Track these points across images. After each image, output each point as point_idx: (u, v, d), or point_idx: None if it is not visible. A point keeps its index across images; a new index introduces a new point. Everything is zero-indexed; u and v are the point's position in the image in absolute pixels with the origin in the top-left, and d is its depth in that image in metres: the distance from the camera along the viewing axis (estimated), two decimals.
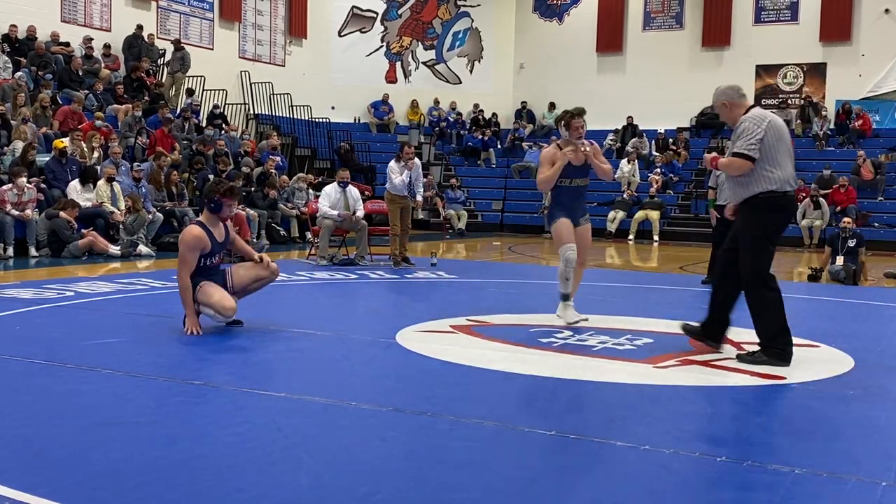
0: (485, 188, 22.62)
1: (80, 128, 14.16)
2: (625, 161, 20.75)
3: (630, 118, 22.90)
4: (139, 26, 18.30)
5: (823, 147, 21.07)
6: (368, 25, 24.70)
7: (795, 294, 9.45)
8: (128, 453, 3.26)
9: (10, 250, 11.16)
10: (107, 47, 17.55)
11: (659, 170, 20.93)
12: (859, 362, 5.35)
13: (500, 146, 24.05)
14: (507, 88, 25.57)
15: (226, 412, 3.93)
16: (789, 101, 22.70)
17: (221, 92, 19.36)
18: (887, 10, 21.49)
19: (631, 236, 19.14)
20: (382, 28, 24.92)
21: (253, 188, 15.44)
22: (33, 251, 11.43)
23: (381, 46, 24.95)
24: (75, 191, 12.35)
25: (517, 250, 15.89)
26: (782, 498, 2.98)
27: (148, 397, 4.16)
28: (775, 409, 4.42)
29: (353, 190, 11.47)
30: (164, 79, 18.86)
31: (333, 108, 23.18)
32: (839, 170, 19.17)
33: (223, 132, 17.62)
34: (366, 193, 16.57)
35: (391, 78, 25.00)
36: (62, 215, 11.54)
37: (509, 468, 3.25)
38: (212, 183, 6.27)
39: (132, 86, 17.23)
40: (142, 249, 11.93)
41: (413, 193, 11.06)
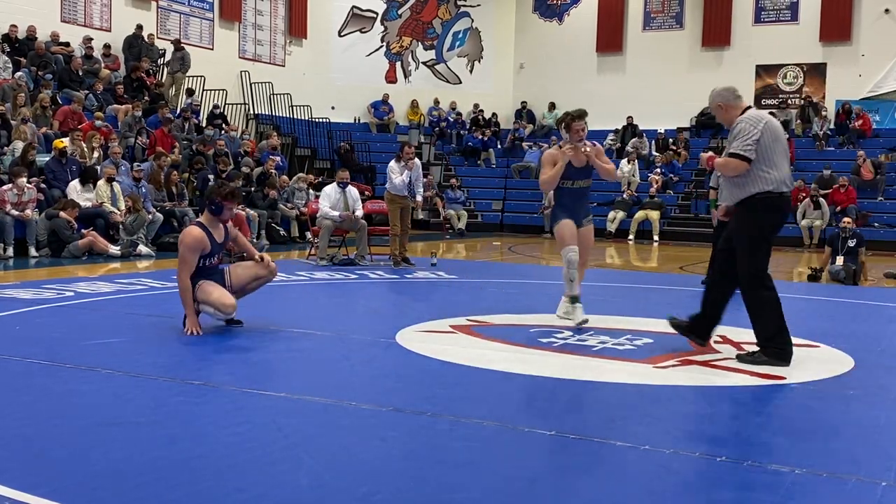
0: (485, 188, 22.61)
1: (80, 128, 14.15)
2: (625, 161, 20.74)
3: (630, 118, 22.89)
4: (139, 26, 18.29)
5: (823, 147, 21.07)
6: (368, 25, 24.70)
7: (795, 294, 9.45)
8: (128, 453, 3.26)
9: (10, 250, 11.16)
10: (107, 47, 17.55)
11: (659, 170, 20.93)
12: (859, 362, 5.35)
13: (500, 146, 24.04)
14: (507, 88, 25.57)
15: (226, 412, 3.93)
16: (789, 102, 22.69)
17: (221, 92, 19.36)
18: (887, 10, 21.48)
19: (631, 236, 19.14)
20: (382, 28, 24.92)
21: (253, 188, 15.44)
22: (33, 251, 11.43)
23: (381, 46, 24.95)
24: (75, 191, 12.35)
25: (517, 250, 15.89)
26: (782, 498, 2.98)
27: (148, 397, 4.16)
28: (775, 409, 4.42)
29: (353, 190, 11.48)
30: (164, 79, 18.86)
31: (333, 108, 23.17)
32: (839, 170, 19.17)
33: (223, 132, 17.61)
34: (366, 193, 16.58)
35: (391, 78, 24.99)
36: (62, 215, 11.54)
37: (509, 468, 3.26)
38: (214, 185, 6.27)
39: (132, 86, 17.23)
40: (142, 249, 11.93)
41: (413, 193, 11.07)
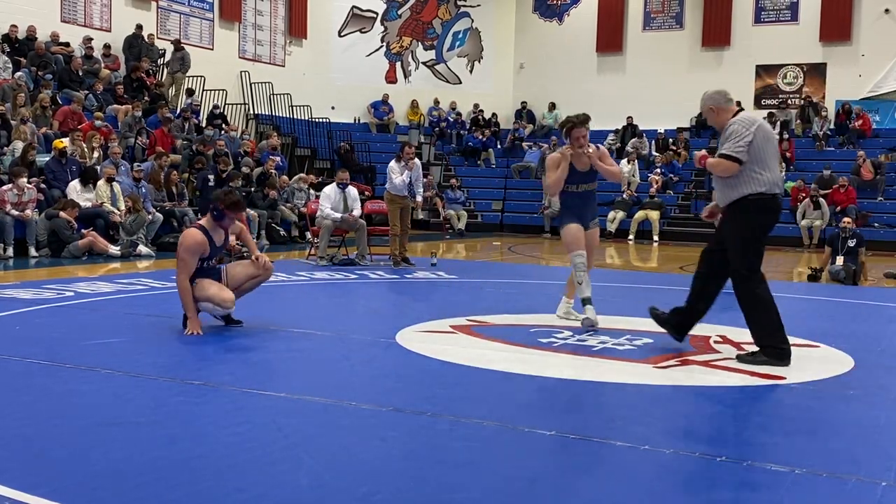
0: (485, 188, 22.61)
1: (80, 128, 14.15)
2: (625, 161, 20.75)
3: (630, 118, 22.89)
4: (139, 26, 18.29)
5: (823, 147, 21.07)
6: (368, 25, 24.70)
7: (795, 294, 9.46)
8: (128, 453, 3.26)
9: (10, 250, 11.16)
10: (107, 47, 17.54)
11: (659, 170, 20.93)
12: (859, 362, 5.35)
13: (499, 146, 24.04)
14: (507, 88, 25.57)
15: (226, 412, 3.93)
16: (789, 101, 22.69)
17: (221, 92, 19.36)
18: (887, 10, 21.48)
19: (631, 236, 19.14)
20: (382, 28, 24.92)
21: (253, 188, 15.43)
22: (33, 251, 11.43)
23: (381, 46, 24.95)
24: (75, 191, 12.35)
25: (517, 250, 15.89)
26: (782, 498, 2.98)
27: (148, 397, 4.16)
28: (775, 409, 4.41)
29: (352, 190, 11.48)
30: (164, 79, 18.85)
31: (333, 108, 23.17)
32: (839, 170, 19.17)
33: (223, 132, 17.61)
34: (365, 193, 16.59)
35: (391, 78, 24.99)
36: (62, 215, 11.54)
37: (509, 468, 3.25)
38: (222, 191, 6.24)
39: (132, 86, 17.22)
40: (142, 249, 11.93)
41: (413, 193, 11.07)
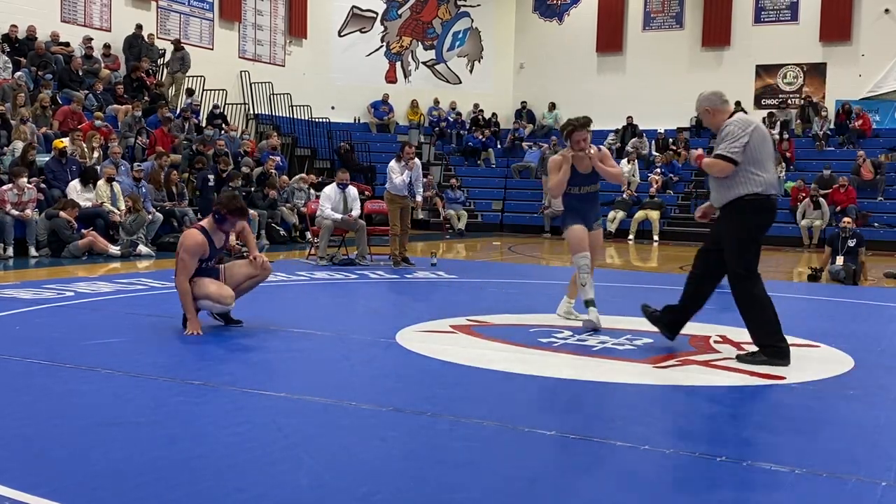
0: (485, 188, 22.61)
1: (80, 128, 14.15)
2: (625, 161, 20.74)
3: (630, 118, 22.89)
4: (139, 26, 18.29)
5: (823, 147, 21.06)
6: (368, 25, 24.70)
7: (795, 294, 9.46)
8: (128, 453, 3.26)
9: (10, 250, 11.16)
10: (107, 47, 17.54)
11: (659, 170, 20.93)
12: (859, 362, 5.35)
13: (499, 146, 24.04)
14: (507, 88, 25.56)
15: (226, 412, 3.93)
16: (789, 101, 22.69)
17: (221, 92, 19.35)
18: (887, 10, 21.48)
19: (631, 236, 19.15)
20: (382, 28, 24.91)
21: (253, 188, 15.43)
22: (33, 251, 11.43)
23: (381, 46, 24.95)
24: (75, 191, 12.34)
25: (517, 250, 15.89)
26: (782, 498, 2.98)
27: (148, 397, 4.16)
28: (775, 409, 4.41)
29: (352, 190, 11.48)
30: (164, 79, 18.85)
31: (333, 108, 23.16)
32: (839, 170, 19.16)
33: (223, 132, 17.61)
34: (365, 193, 16.58)
35: (391, 78, 24.99)
36: (62, 215, 11.54)
37: (509, 468, 3.25)
38: (227, 196, 6.20)
39: (132, 86, 17.22)
40: (142, 249, 11.93)
41: (413, 193, 11.07)
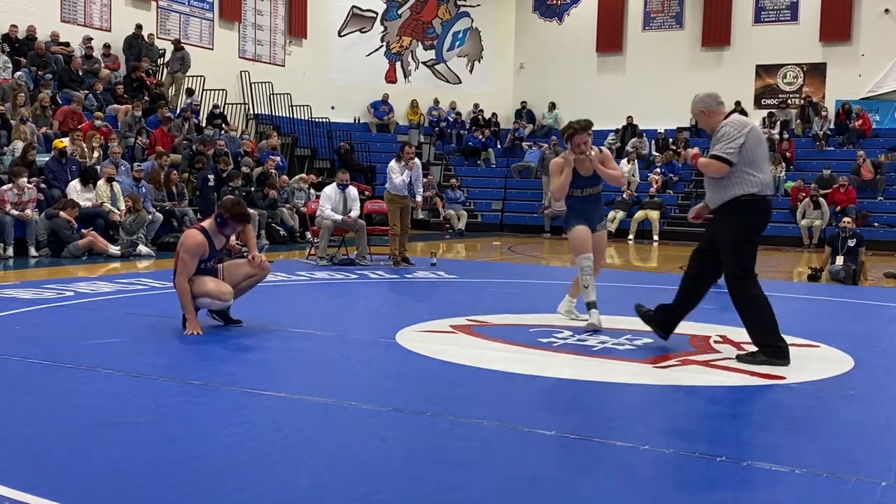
0: (485, 188, 22.61)
1: (80, 128, 14.15)
2: (625, 161, 20.74)
3: (630, 118, 22.89)
4: (139, 26, 18.29)
5: (823, 147, 21.07)
6: (368, 25, 24.70)
7: (795, 294, 9.45)
8: (128, 453, 3.26)
9: (10, 250, 11.16)
10: (107, 47, 17.54)
11: (659, 170, 20.93)
12: (859, 362, 5.35)
13: (499, 146, 24.04)
14: (507, 88, 25.56)
15: (226, 412, 3.93)
16: (789, 101, 22.69)
17: (221, 92, 19.35)
18: (887, 10, 21.48)
19: (631, 236, 19.14)
20: (382, 28, 24.91)
21: (253, 188, 15.43)
22: (33, 251, 11.43)
23: (381, 46, 24.94)
24: (75, 191, 12.34)
25: (517, 250, 15.89)
26: (782, 498, 2.98)
27: (148, 397, 4.16)
28: (775, 409, 4.41)
29: (352, 190, 11.48)
30: (164, 79, 18.85)
31: (333, 108, 23.16)
32: (839, 170, 19.16)
33: (223, 132, 17.61)
34: (365, 193, 16.58)
35: (391, 78, 24.99)
36: (62, 215, 11.54)
37: (509, 468, 3.25)
38: (230, 200, 6.21)
39: (132, 86, 17.22)
40: (142, 249, 11.93)
41: (413, 193, 11.07)
